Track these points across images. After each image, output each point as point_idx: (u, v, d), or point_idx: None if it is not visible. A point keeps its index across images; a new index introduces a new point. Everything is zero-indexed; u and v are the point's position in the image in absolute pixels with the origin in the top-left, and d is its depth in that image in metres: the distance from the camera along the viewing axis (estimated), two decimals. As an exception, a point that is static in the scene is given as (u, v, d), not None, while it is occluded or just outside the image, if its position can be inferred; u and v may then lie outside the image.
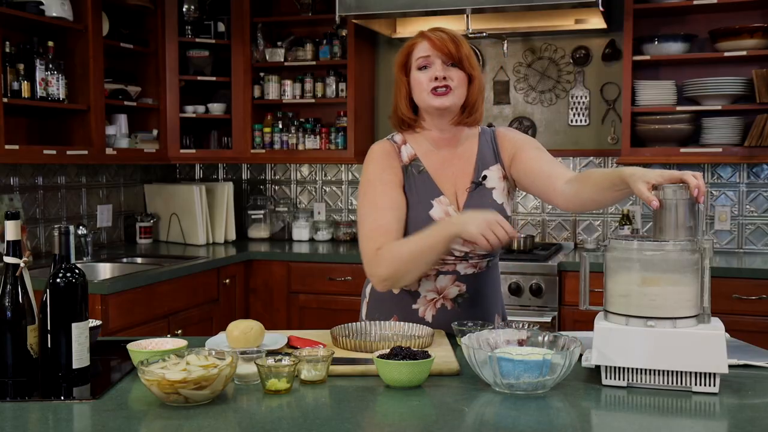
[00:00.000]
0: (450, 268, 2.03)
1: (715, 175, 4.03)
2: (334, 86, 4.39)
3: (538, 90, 4.32)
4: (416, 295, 2.06)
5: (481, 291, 2.08)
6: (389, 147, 2.07)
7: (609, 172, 1.78)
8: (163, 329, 3.41)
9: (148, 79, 4.25)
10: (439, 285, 2.04)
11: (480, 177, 2.05)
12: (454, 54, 1.97)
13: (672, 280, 1.53)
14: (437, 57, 1.97)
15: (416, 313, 2.06)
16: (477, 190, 2.04)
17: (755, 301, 3.40)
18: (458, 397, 1.50)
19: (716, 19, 3.88)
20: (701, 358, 1.49)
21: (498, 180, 2.05)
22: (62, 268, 1.61)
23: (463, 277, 2.04)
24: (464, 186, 2.04)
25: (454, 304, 2.05)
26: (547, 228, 4.31)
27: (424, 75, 1.98)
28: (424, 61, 1.98)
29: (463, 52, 1.98)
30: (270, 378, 1.51)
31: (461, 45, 1.98)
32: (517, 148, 2.06)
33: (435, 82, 1.96)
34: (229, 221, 4.51)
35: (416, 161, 2.05)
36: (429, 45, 1.98)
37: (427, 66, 1.98)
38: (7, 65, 3.30)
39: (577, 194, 1.88)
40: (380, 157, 2.05)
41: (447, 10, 3.68)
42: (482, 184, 2.04)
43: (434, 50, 1.97)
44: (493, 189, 2.05)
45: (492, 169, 2.06)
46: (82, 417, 1.43)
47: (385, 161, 2.04)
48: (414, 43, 2.02)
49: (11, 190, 3.69)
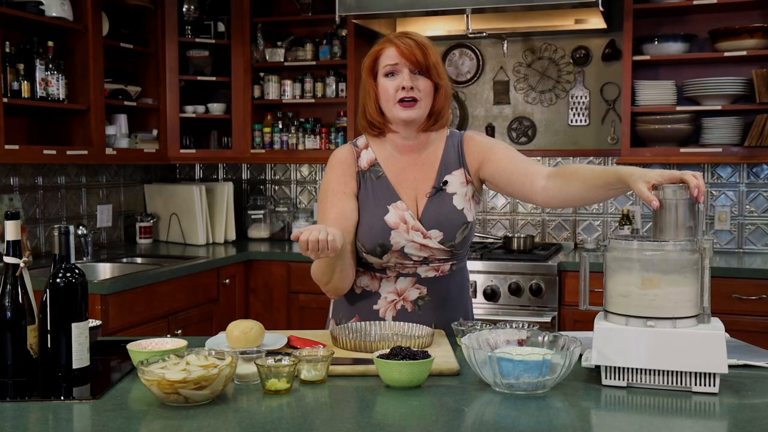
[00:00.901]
0: (410, 270, 2.03)
1: (715, 175, 4.03)
2: (334, 86, 4.39)
3: (538, 90, 4.32)
4: (377, 296, 2.07)
5: (444, 294, 2.06)
6: (348, 153, 2.08)
7: (602, 170, 1.78)
8: (163, 329, 3.41)
9: (148, 79, 4.25)
10: (399, 287, 2.04)
11: (441, 182, 2.04)
12: (421, 62, 1.95)
13: (672, 280, 1.53)
14: (404, 65, 1.96)
15: (377, 313, 2.06)
16: (437, 195, 2.03)
17: (755, 301, 3.40)
18: (458, 397, 1.50)
19: (716, 19, 3.88)
20: (701, 358, 1.49)
21: (460, 185, 2.04)
22: (62, 268, 1.61)
23: (424, 280, 2.04)
24: (425, 191, 2.03)
25: (414, 306, 2.05)
26: (547, 228, 4.31)
27: (390, 83, 1.97)
28: (391, 68, 1.97)
29: (430, 60, 1.96)
30: (270, 378, 1.52)
31: (429, 53, 1.97)
32: (485, 150, 2.04)
33: (402, 92, 1.96)
34: (229, 221, 4.51)
35: (376, 166, 2.05)
36: (396, 52, 1.96)
37: (394, 73, 1.97)
38: (7, 65, 3.30)
39: (562, 191, 1.87)
40: (336, 165, 2.07)
41: (447, 10, 3.67)
42: (443, 190, 2.03)
43: (401, 58, 1.95)
44: (454, 194, 2.03)
45: (455, 174, 2.04)
46: (82, 417, 1.43)
47: (340, 169, 2.06)
48: (381, 49, 2.00)
49: (11, 190, 3.69)
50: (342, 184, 2.04)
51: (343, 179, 2.04)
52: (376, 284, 2.06)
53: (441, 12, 3.72)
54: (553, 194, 1.89)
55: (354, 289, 2.09)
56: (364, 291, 2.08)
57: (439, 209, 2.01)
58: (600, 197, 1.82)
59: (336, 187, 2.04)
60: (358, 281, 2.08)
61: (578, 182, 1.83)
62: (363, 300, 2.08)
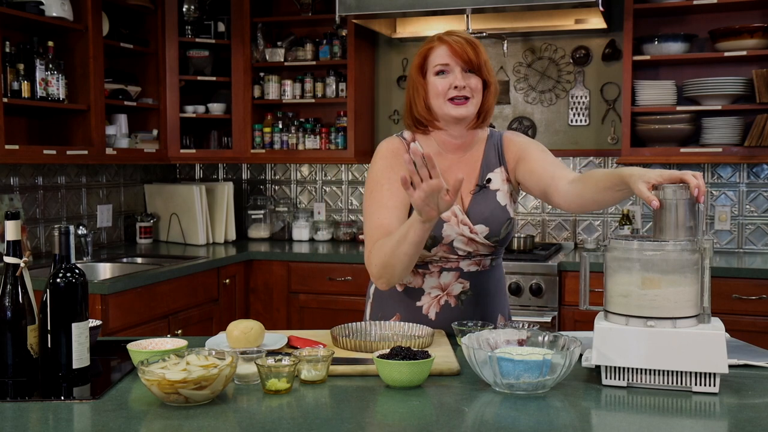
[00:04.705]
0: (453, 265, 2.04)
1: (715, 175, 4.03)
2: (334, 86, 4.39)
3: (538, 90, 4.32)
4: (420, 292, 2.07)
5: (485, 289, 2.08)
6: (398, 144, 2.07)
7: (609, 172, 1.78)
8: (163, 329, 3.41)
9: (148, 79, 4.25)
10: (443, 281, 2.05)
11: (485, 180, 2.06)
12: (473, 60, 1.96)
13: (672, 280, 1.53)
14: (456, 64, 1.96)
15: (420, 310, 2.06)
16: (481, 193, 2.05)
17: (755, 301, 3.40)
18: (458, 397, 1.50)
19: (716, 19, 3.88)
20: (701, 358, 1.49)
21: (501, 182, 2.06)
22: (62, 268, 1.61)
23: (467, 274, 2.05)
24: (468, 188, 2.05)
25: (457, 301, 2.06)
26: (547, 228, 4.31)
27: (442, 81, 1.97)
28: (442, 67, 1.97)
29: (482, 58, 1.97)
30: (270, 378, 1.52)
31: (479, 51, 1.97)
32: (521, 151, 2.06)
33: (454, 90, 1.96)
34: (229, 221, 4.51)
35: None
36: (448, 51, 1.96)
37: (445, 72, 1.97)
38: (7, 65, 3.30)
39: (579, 195, 1.88)
40: (389, 155, 2.05)
41: (447, 10, 3.67)
42: (486, 187, 2.06)
43: (454, 57, 1.96)
44: (497, 191, 2.06)
45: (496, 171, 2.07)
46: (82, 417, 1.43)
47: (393, 159, 2.03)
48: (431, 47, 2.00)
49: (11, 190, 3.69)
50: (397, 173, 1.99)
51: (397, 168, 2.01)
52: (419, 280, 2.06)
53: (441, 12, 3.72)
54: (572, 198, 1.90)
55: (395, 287, 2.08)
56: (407, 288, 2.08)
57: (484, 205, 2.03)
58: (610, 199, 1.81)
59: (392, 176, 2.00)
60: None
61: (591, 185, 1.84)
62: (406, 297, 2.08)
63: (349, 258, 4.00)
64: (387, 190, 1.99)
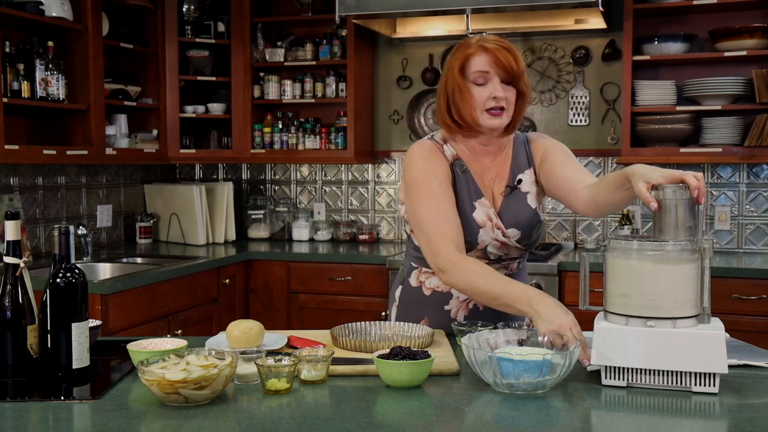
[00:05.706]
0: None
1: (715, 175, 4.03)
2: (334, 86, 4.39)
3: (538, 90, 4.32)
4: (449, 296, 2.06)
5: None
6: (433, 145, 2.03)
7: (618, 172, 1.77)
8: (163, 329, 3.41)
9: (148, 79, 4.25)
10: None
11: (515, 181, 2.04)
12: (514, 71, 1.92)
13: (672, 280, 1.53)
14: (496, 74, 1.92)
15: (448, 314, 2.06)
16: (512, 195, 2.03)
17: (755, 301, 3.40)
18: (458, 397, 1.50)
19: (716, 19, 3.88)
20: (701, 358, 1.49)
21: (531, 184, 2.05)
22: (62, 268, 1.61)
23: None
24: (500, 190, 2.03)
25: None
26: (547, 228, 4.31)
27: (480, 91, 1.93)
28: (482, 76, 1.93)
29: (521, 68, 1.94)
30: (270, 378, 1.52)
31: (519, 61, 1.94)
32: (546, 151, 2.05)
33: (492, 101, 1.93)
34: (229, 221, 4.51)
35: (459, 161, 2.02)
36: (490, 60, 1.92)
37: (483, 80, 1.93)
38: (7, 65, 3.30)
39: (593, 198, 1.86)
40: (428, 155, 2.00)
41: (447, 10, 3.67)
42: (517, 188, 2.04)
43: (495, 66, 1.92)
44: (528, 193, 2.04)
45: (526, 173, 2.05)
46: (82, 417, 1.43)
47: (434, 158, 2.00)
48: (472, 53, 1.94)
49: (11, 190, 3.69)
50: (441, 171, 1.97)
51: (440, 167, 1.98)
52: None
53: (441, 12, 3.71)
54: (586, 202, 1.89)
55: (422, 291, 2.08)
56: (435, 292, 2.07)
57: (515, 208, 2.01)
58: (621, 199, 1.78)
59: (438, 174, 1.96)
60: (426, 282, 2.08)
61: (603, 187, 1.83)
62: (434, 301, 2.07)
63: (349, 258, 3.99)
64: (439, 191, 1.94)
